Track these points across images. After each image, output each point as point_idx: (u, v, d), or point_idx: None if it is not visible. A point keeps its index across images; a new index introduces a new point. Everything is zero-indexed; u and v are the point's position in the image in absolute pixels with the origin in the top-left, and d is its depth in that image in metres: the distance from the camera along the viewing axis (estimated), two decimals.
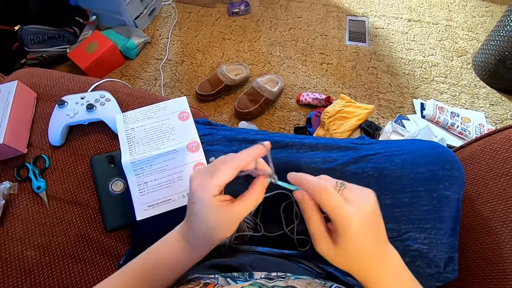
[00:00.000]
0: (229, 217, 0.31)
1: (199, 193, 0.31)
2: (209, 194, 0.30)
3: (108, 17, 1.62)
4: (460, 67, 1.50)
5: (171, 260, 0.35)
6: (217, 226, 0.31)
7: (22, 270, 0.54)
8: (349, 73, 1.49)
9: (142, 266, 0.35)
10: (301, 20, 1.73)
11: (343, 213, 0.29)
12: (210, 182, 0.30)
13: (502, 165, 0.51)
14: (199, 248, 0.34)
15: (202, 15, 1.76)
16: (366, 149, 0.53)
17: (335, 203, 0.29)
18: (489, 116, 1.33)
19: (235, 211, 0.31)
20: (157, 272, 0.35)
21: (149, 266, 0.35)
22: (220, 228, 0.32)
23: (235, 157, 0.31)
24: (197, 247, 0.34)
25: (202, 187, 0.31)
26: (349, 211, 0.29)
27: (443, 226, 0.46)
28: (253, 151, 0.32)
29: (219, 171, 0.31)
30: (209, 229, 0.32)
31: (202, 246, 0.34)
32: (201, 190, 0.31)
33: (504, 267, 0.46)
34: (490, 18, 1.73)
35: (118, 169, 0.62)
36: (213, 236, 0.32)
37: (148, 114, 0.63)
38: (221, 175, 0.30)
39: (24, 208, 0.59)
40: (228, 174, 0.31)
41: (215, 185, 0.30)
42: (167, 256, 0.35)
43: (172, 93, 1.44)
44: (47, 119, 0.67)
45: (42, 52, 1.41)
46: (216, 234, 0.32)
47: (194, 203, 0.32)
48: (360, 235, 0.29)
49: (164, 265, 0.35)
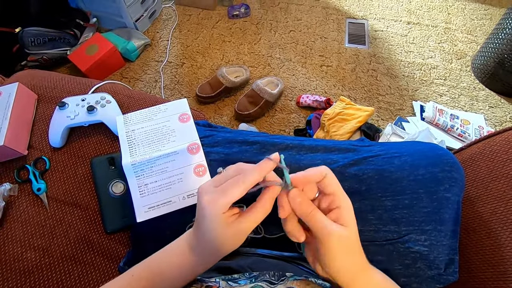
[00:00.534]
0: (238, 230, 0.32)
1: (210, 210, 0.31)
2: (219, 212, 0.31)
3: (108, 19, 1.62)
4: (460, 70, 1.51)
5: (175, 271, 0.35)
6: (226, 240, 0.32)
7: (21, 272, 0.54)
8: (348, 75, 1.49)
9: (148, 272, 0.36)
10: (301, 23, 1.74)
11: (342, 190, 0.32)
12: (221, 200, 0.31)
13: (502, 167, 0.52)
14: (206, 260, 0.35)
15: (202, 17, 1.77)
16: (366, 151, 0.54)
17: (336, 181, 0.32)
18: (489, 118, 1.33)
19: (244, 224, 0.31)
20: (161, 280, 0.35)
21: (154, 273, 0.35)
22: (229, 242, 0.32)
23: (245, 176, 0.31)
24: (204, 260, 0.35)
25: (213, 204, 0.31)
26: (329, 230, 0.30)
27: (444, 228, 0.46)
28: (263, 168, 0.32)
29: (230, 191, 0.31)
30: (218, 244, 0.32)
31: (209, 259, 0.35)
32: (212, 208, 0.31)
33: (505, 269, 0.46)
34: (489, 21, 1.74)
35: (118, 171, 0.62)
36: (221, 250, 0.33)
37: (148, 116, 0.63)
38: (231, 194, 0.31)
39: (24, 210, 0.59)
40: (239, 194, 0.31)
41: (226, 203, 0.31)
42: (172, 265, 0.35)
43: (172, 95, 1.44)
44: (47, 121, 0.68)
45: (42, 54, 1.41)
46: (224, 248, 0.33)
47: (204, 218, 0.32)
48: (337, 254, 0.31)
49: (168, 275, 0.35)
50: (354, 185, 0.49)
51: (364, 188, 0.48)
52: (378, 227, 0.46)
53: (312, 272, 0.45)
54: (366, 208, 0.47)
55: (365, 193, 0.48)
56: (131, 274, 0.36)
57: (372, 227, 0.46)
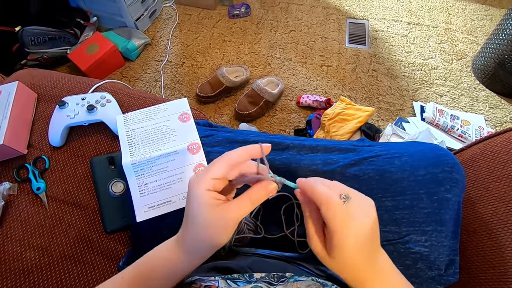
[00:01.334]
0: (223, 216, 0.30)
1: (193, 189, 0.31)
2: (202, 188, 0.30)
3: (108, 18, 1.62)
4: (460, 70, 1.51)
5: (163, 269, 0.34)
6: (209, 225, 0.30)
7: (21, 272, 0.54)
8: (349, 75, 1.49)
9: (138, 273, 0.35)
10: (301, 23, 1.73)
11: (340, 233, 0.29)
12: (204, 176, 0.31)
13: (502, 168, 0.51)
14: (193, 254, 0.33)
15: (202, 17, 1.76)
16: (367, 151, 0.53)
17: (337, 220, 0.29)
18: (489, 119, 1.33)
19: (230, 210, 0.30)
20: (150, 280, 0.34)
21: (143, 274, 0.34)
22: (214, 229, 0.30)
23: (227, 153, 0.32)
24: (191, 254, 0.33)
25: (197, 182, 0.31)
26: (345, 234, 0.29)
27: (444, 228, 0.45)
28: (247, 148, 0.32)
29: (212, 166, 0.31)
30: (201, 228, 0.30)
31: (196, 251, 0.33)
32: (195, 186, 0.31)
33: (505, 269, 0.46)
34: (489, 21, 1.73)
35: (118, 170, 0.62)
36: (206, 238, 0.31)
37: (148, 115, 0.63)
38: (214, 168, 0.31)
39: (23, 209, 0.59)
40: (221, 168, 0.31)
41: (208, 178, 0.30)
42: (160, 264, 0.34)
43: (172, 94, 1.44)
44: (47, 120, 0.67)
45: (42, 53, 1.41)
46: (209, 235, 0.30)
47: (188, 201, 0.31)
48: (356, 251, 0.30)
49: (156, 274, 0.34)
50: (355, 186, 0.48)
51: (365, 188, 0.48)
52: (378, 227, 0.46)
53: (312, 272, 0.45)
54: None
55: (365, 194, 0.48)
56: (121, 277, 0.35)
57: None
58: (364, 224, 0.30)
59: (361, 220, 0.30)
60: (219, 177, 0.31)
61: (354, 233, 0.29)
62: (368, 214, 0.31)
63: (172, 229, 0.36)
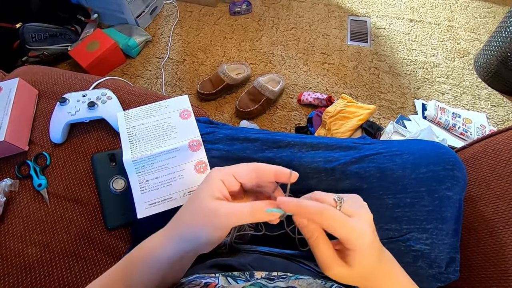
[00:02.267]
0: (214, 211, 0.29)
1: (210, 175, 0.31)
2: (217, 177, 0.31)
3: (109, 15, 1.62)
4: (462, 68, 1.50)
5: (145, 257, 0.33)
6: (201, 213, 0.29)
7: (22, 268, 0.54)
8: (350, 73, 1.49)
9: (121, 268, 0.34)
10: (302, 20, 1.73)
11: (352, 232, 0.28)
12: (226, 169, 0.31)
13: (504, 166, 0.51)
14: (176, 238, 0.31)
15: (203, 14, 1.76)
16: (368, 149, 0.53)
17: (341, 223, 0.28)
18: (491, 117, 1.33)
19: (222, 210, 0.28)
20: (134, 274, 0.33)
21: (128, 269, 0.33)
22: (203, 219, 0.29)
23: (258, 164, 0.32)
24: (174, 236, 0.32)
25: (216, 170, 0.31)
26: (356, 228, 0.28)
27: (445, 226, 0.45)
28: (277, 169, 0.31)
29: (239, 166, 0.32)
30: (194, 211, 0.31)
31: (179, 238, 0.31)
32: (213, 173, 0.31)
33: (506, 268, 0.46)
34: (492, 19, 1.72)
35: (119, 167, 0.62)
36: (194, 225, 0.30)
37: (149, 112, 0.63)
38: (239, 168, 0.31)
39: (25, 206, 0.59)
40: (246, 173, 0.31)
41: (228, 172, 0.31)
42: (141, 252, 0.33)
43: (173, 92, 1.43)
44: (48, 117, 0.67)
45: (43, 50, 1.41)
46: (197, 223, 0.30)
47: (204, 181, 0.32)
48: (371, 249, 0.29)
49: (140, 268, 0.32)
50: (356, 183, 0.49)
51: (366, 186, 0.48)
52: (379, 225, 0.46)
53: (313, 270, 0.45)
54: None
55: (366, 191, 0.48)
56: (107, 274, 0.34)
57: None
58: (368, 217, 0.29)
59: (362, 217, 0.29)
60: (239, 179, 0.31)
61: (364, 234, 0.28)
62: (365, 207, 0.31)
63: None
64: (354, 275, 0.29)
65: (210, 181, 0.31)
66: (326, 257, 0.29)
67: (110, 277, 0.34)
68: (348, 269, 0.29)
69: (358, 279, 0.30)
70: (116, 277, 0.33)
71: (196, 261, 0.41)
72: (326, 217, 0.28)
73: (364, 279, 0.30)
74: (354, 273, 0.29)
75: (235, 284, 0.37)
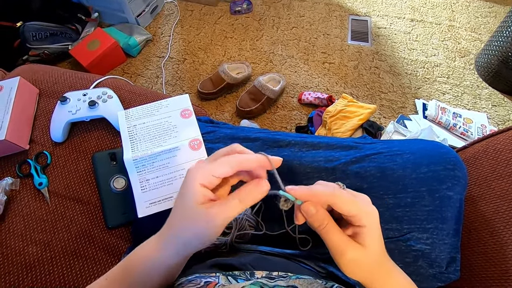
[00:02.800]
0: (206, 216, 0.28)
1: (190, 179, 0.30)
2: (198, 182, 0.29)
3: (110, 14, 1.61)
4: (463, 68, 1.50)
5: (143, 265, 0.33)
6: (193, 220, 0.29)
7: (23, 266, 0.54)
8: (351, 72, 1.48)
9: (119, 272, 0.34)
10: (303, 19, 1.72)
11: (362, 208, 0.29)
12: (204, 169, 0.29)
13: (505, 166, 0.51)
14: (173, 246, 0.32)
15: (204, 13, 1.76)
16: (369, 149, 0.53)
17: (352, 201, 0.29)
18: (491, 117, 1.33)
19: (213, 213, 0.28)
20: (130, 277, 0.33)
21: (125, 272, 0.34)
22: (196, 225, 0.29)
23: (236, 158, 0.30)
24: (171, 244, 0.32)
25: (195, 173, 0.30)
26: (363, 206, 0.30)
27: (446, 226, 0.45)
28: (258, 160, 0.30)
29: (217, 163, 0.29)
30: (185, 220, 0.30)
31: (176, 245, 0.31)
32: (192, 177, 0.30)
33: (507, 268, 0.46)
34: (493, 18, 1.72)
35: (120, 166, 0.62)
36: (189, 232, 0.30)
37: (150, 111, 0.63)
38: (217, 166, 0.29)
39: (25, 204, 0.59)
40: (226, 170, 0.29)
41: (208, 173, 0.29)
42: (138, 259, 0.33)
43: (173, 91, 1.43)
44: (49, 116, 0.67)
45: (44, 49, 1.41)
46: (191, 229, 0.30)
47: (182, 189, 0.31)
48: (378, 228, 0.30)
49: (136, 270, 0.33)
50: (356, 183, 0.49)
51: (366, 186, 0.48)
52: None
53: (313, 270, 0.45)
54: None
55: (367, 191, 0.47)
56: (105, 278, 0.34)
57: None
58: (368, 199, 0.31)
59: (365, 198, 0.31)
60: (219, 176, 0.30)
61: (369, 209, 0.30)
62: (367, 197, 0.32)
63: None
64: (369, 256, 0.29)
65: (190, 188, 0.29)
66: (339, 241, 0.29)
67: (108, 280, 0.34)
68: (363, 250, 0.29)
69: (372, 264, 0.30)
70: (115, 278, 0.34)
71: (196, 261, 0.42)
72: (339, 197, 0.29)
73: (378, 265, 0.31)
74: (368, 254, 0.29)
75: (235, 283, 0.37)
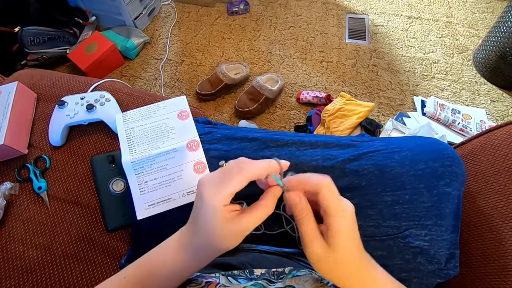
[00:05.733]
0: (238, 228, 0.30)
1: (211, 201, 0.30)
2: (220, 204, 0.30)
3: (107, 17, 1.62)
4: (461, 64, 1.50)
5: (166, 271, 0.34)
6: (224, 237, 0.31)
7: (23, 270, 0.54)
8: (349, 71, 1.49)
9: (139, 273, 0.35)
10: (300, 19, 1.73)
11: (338, 206, 0.29)
12: (223, 191, 0.30)
13: (503, 161, 0.51)
14: (199, 259, 0.33)
15: (201, 14, 1.76)
16: (366, 146, 0.53)
17: (335, 195, 0.30)
18: (490, 113, 1.33)
19: (244, 223, 0.30)
20: (152, 281, 0.34)
21: (145, 274, 0.34)
22: (226, 240, 0.31)
23: (248, 167, 0.30)
24: (197, 259, 0.33)
25: (214, 196, 0.30)
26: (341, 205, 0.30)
27: (444, 222, 0.45)
28: (267, 166, 0.31)
29: (230, 181, 0.30)
30: (214, 239, 0.31)
31: (202, 258, 0.33)
32: (213, 199, 0.30)
33: (506, 263, 0.46)
34: (490, 14, 1.72)
35: (118, 169, 0.62)
36: (218, 247, 0.32)
37: (147, 114, 0.63)
38: (234, 183, 0.30)
39: (25, 209, 0.59)
40: (241, 183, 0.30)
41: (226, 194, 0.30)
42: (163, 265, 0.34)
43: (172, 92, 1.44)
44: (47, 120, 0.68)
45: (42, 53, 1.41)
46: (221, 246, 0.31)
47: (203, 211, 0.31)
48: (352, 235, 0.30)
49: (159, 275, 0.34)
50: (354, 181, 0.49)
51: (364, 184, 0.48)
52: (378, 222, 0.46)
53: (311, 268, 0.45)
54: (366, 203, 0.47)
55: (365, 189, 0.48)
56: (123, 276, 0.34)
57: (372, 222, 0.46)
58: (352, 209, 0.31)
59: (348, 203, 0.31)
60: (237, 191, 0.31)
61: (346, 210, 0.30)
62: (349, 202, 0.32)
63: (173, 227, 0.36)
64: (330, 259, 0.29)
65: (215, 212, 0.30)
66: (310, 231, 0.30)
67: (127, 279, 0.34)
68: (328, 249, 0.29)
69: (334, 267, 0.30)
70: (135, 281, 0.34)
71: None
72: (327, 186, 0.30)
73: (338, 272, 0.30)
74: (336, 255, 0.29)
75: (236, 283, 0.37)
